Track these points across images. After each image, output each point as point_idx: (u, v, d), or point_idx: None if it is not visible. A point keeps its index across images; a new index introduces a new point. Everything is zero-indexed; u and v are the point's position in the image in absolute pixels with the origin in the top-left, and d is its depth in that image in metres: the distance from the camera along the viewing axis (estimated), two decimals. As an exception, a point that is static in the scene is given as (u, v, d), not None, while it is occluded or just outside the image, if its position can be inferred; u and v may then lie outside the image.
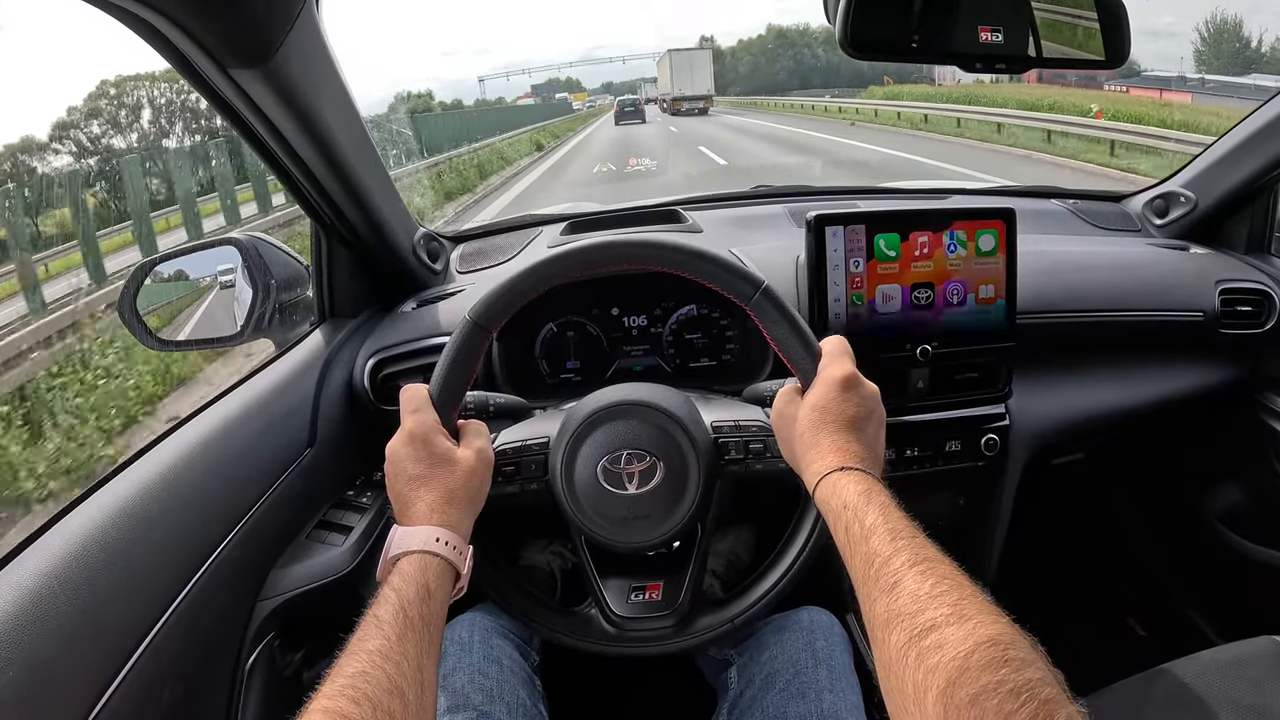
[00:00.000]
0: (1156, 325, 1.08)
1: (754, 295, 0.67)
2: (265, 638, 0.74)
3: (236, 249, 0.95)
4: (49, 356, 4.08)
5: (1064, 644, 1.03)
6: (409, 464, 0.62)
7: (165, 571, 0.62)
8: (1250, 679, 0.75)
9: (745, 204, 1.35)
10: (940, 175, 8.36)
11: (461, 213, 9.12)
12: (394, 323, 1.00)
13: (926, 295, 0.91)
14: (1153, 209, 1.28)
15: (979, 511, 1.05)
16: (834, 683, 0.74)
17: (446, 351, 0.67)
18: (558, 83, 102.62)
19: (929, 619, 0.43)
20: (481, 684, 0.74)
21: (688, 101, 31.31)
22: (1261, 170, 1.12)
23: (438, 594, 0.55)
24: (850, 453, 0.59)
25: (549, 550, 1.14)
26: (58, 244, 6.75)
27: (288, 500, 0.79)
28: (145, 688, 0.57)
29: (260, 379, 0.85)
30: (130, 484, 0.65)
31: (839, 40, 0.69)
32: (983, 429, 0.97)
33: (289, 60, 0.65)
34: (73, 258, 6.52)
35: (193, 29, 0.59)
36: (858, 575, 0.50)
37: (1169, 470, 1.38)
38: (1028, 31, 0.79)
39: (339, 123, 0.78)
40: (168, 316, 0.97)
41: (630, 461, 0.69)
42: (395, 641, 0.49)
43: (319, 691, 0.45)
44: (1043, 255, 1.08)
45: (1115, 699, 0.78)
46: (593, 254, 0.69)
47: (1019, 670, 0.38)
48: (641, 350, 1.04)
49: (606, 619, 0.74)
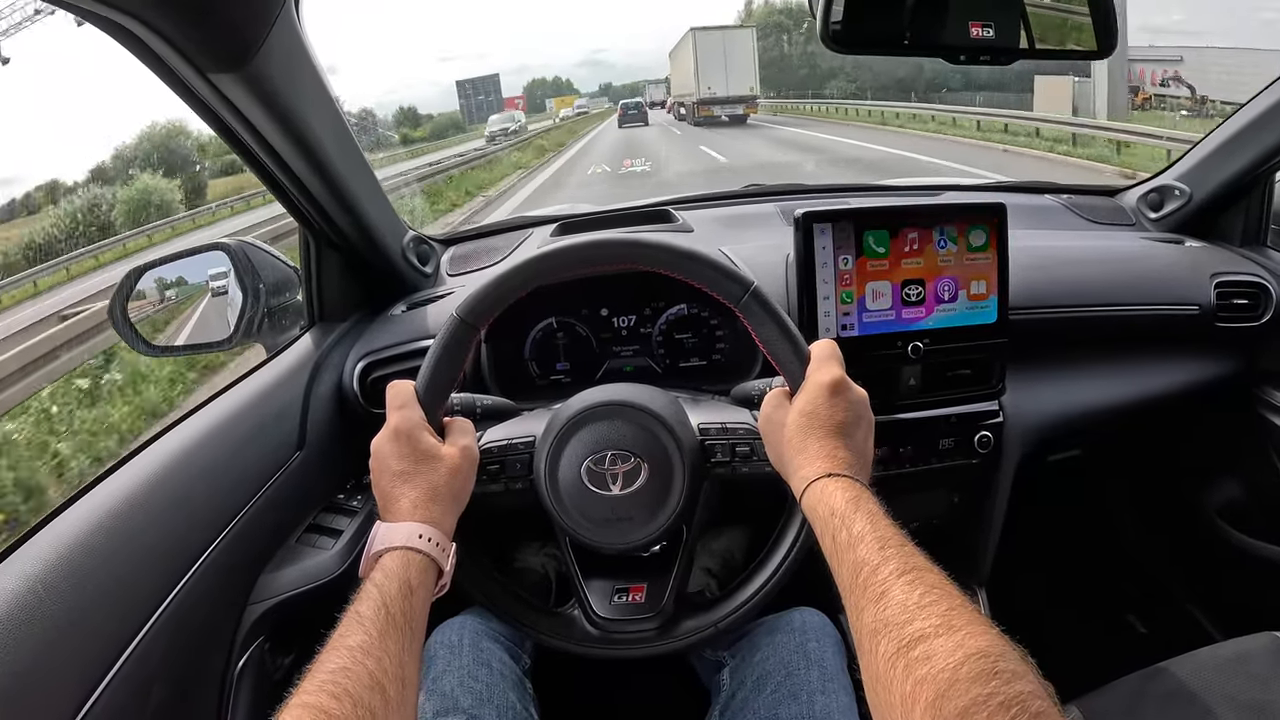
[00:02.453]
0: (1152, 319, 1.07)
1: (743, 297, 0.66)
2: (255, 642, 0.74)
3: (226, 254, 0.95)
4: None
5: (1063, 642, 1.03)
6: (393, 460, 0.62)
7: (152, 576, 0.62)
8: (1251, 675, 0.74)
9: (736, 203, 1.35)
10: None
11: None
12: (383, 326, 1.00)
13: (917, 292, 0.90)
14: (1147, 202, 1.27)
15: (974, 509, 1.05)
16: (826, 684, 0.73)
17: (433, 348, 0.67)
18: (543, 84, 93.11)
19: (918, 629, 0.42)
20: (471, 687, 0.74)
21: (721, 105, 21.42)
22: (1256, 162, 1.12)
23: (420, 591, 0.55)
24: (838, 459, 0.58)
25: (543, 552, 1.13)
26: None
27: (277, 504, 0.79)
28: (132, 692, 0.57)
29: (249, 383, 0.85)
30: (118, 488, 0.65)
31: (821, 36, 0.69)
32: (976, 426, 0.96)
33: (268, 63, 0.65)
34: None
35: (170, 34, 0.59)
36: (845, 584, 0.50)
37: (1166, 465, 1.38)
38: (1019, 23, 0.78)
39: (322, 126, 0.78)
40: (159, 323, 0.97)
41: (614, 462, 0.69)
42: (377, 637, 0.49)
43: (299, 687, 0.45)
44: (1035, 250, 1.07)
45: (1115, 696, 0.77)
46: (581, 253, 0.69)
47: (1009, 683, 0.38)
48: (631, 350, 1.04)
49: (589, 620, 0.73)
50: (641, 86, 54.48)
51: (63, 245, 9.24)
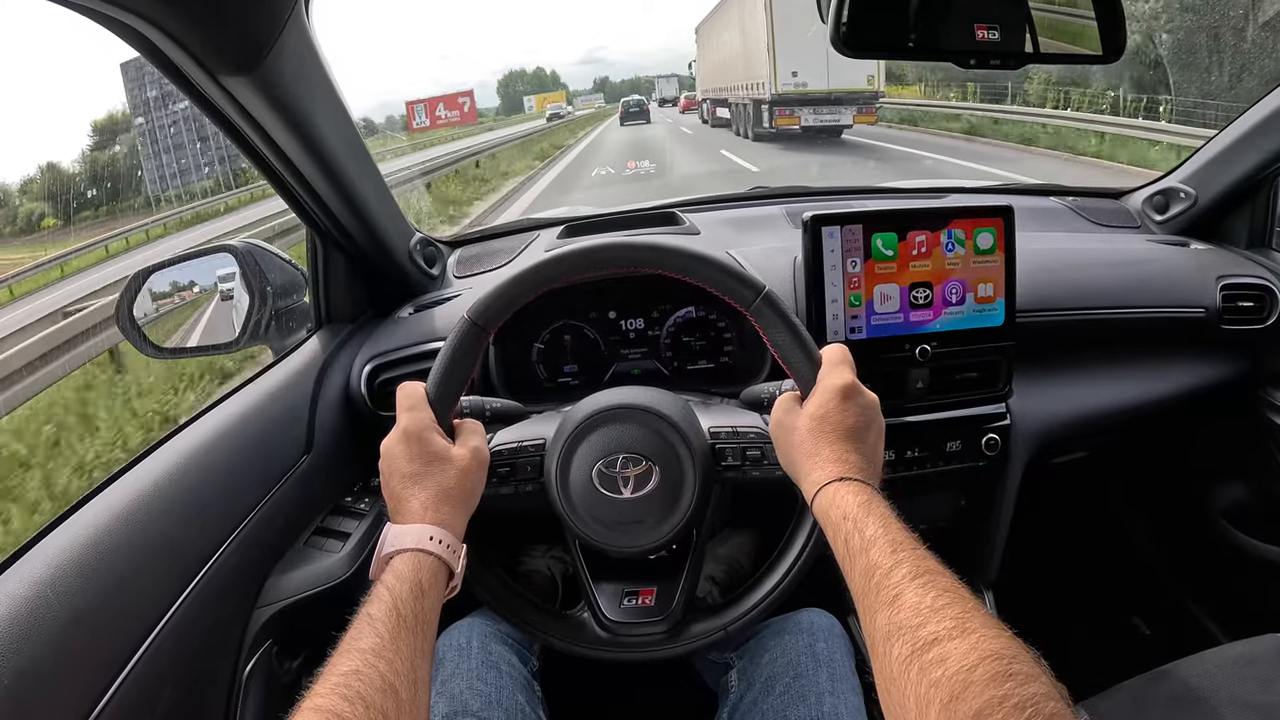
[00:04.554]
0: (1157, 322, 1.07)
1: (754, 300, 0.66)
2: (263, 645, 0.74)
3: (233, 256, 0.95)
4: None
5: (1068, 644, 1.03)
6: (403, 461, 0.62)
7: (161, 578, 0.62)
8: (1257, 677, 0.74)
9: (743, 205, 1.35)
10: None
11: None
12: (391, 328, 1.00)
13: (925, 295, 0.90)
14: (1152, 205, 1.27)
15: (981, 512, 1.05)
16: (835, 685, 0.73)
17: (444, 350, 0.67)
18: (521, 78, 78.48)
19: (931, 632, 0.42)
20: (480, 690, 0.74)
21: (816, 109, 11.81)
22: (1261, 165, 1.12)
23: (431, 592, 0.55)
24: (850, 463, 0.58)
25: (549, 555, 1.13)
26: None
27: (285, 507, 0.78)
28: (141, 695, 0.57)
29: (256, 386, 0.85)
30: (126, 491, 0.65)
31: (832, 39, 0.69)
32: (983, 429, 0.96)
33: (279, 66, 0.65)
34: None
35: (182, 37, 0.59)
36: (857, 587, 0.50)
37: (1172, 468, 1.37)
38: (1024, 27, 0.78)
39: (332, 128, 0.78)
40: (170, 325, 0.97)
41: (626, 465, 0.69)
42: (388, 640, 0.49)
43: (311, 690, 0.45)
44: (1042, 253, 1.07)
45: (1121, 699, 0.77)
46: (593, 255, 0.68)
47: (1023, 685, 0.38)
48: (639, 353, 1.04)
49: (599, 623, 0.73)
50: (641, 82, 50.22)
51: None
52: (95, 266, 8.03)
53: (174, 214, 11.23)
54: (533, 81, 76.42)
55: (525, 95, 57.14)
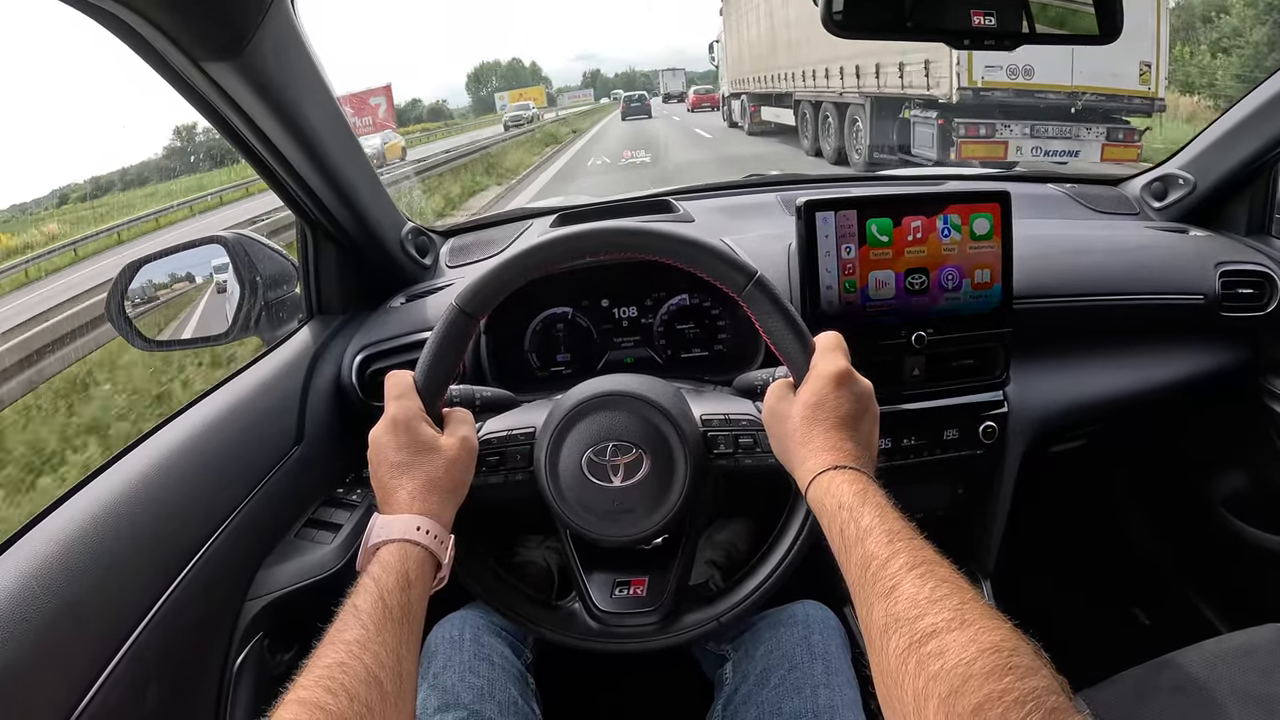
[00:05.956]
0: (1156, 309, 1.06)
1: (746, 285, 0.65)
2: (254, 638, 0.73)
3: (223, 247, 0.94)
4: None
5: (1067, 634, 1.02)
6: (391, 451, 0.61)
7: (148, 571, 0.62)
8: (1257, 667, 0.74)
9: (737, 193, 1.34)
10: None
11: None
12: (382, 318, 0.99)
13: (920, 281, 0.89)
14: (1151, 192, 1.26)
15: (979, 500, 1.04)
16: (830, 678, 0.73)
17: (432, 338, 0.66)
18: (495, 69, 62.21)
19: (929, 624, 0.41)
20: (472, 682, 0.73)
21: (1035, 128, 5.64)
22: (1260, 151, 1.11)
23: (418, 584, 0.54)
24: (844, 451, 0.57)
25: (545, 546, 1.13)
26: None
27: (275, 498, 0.78)
28: (129, 688, 0.56)
29: (246, 376, 0.85)
30: (113, 483, 0.64)
31: (824, 19, 0.67)
32: (981, 416, 0.95)
33: (263, 52, 0.64)
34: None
35: (163, 23, 0.58)
36: (853, 578, 0.49)
37: (1172, 456, 1.37)
38: (1020, 7, 0.77)
39: (318, 116, 0.77)
40: (161, 317, 0.96)
41: (616, 453, 0.68)
42: (374, 631, 0.48)
43: (295, 682, 0.45)
44: (1039, 239, 1.06)
45: (1121, 689, 0.77)
46: (581, 241, 0.68)
47: (1024, 678, 0.37)
48: (632, 341, 1.03)
49: (590, 614, 0.72)
50: (637, 77, 47.06)
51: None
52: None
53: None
54: (508, 75, 65.13)
55: (497, 93, 47.52)
